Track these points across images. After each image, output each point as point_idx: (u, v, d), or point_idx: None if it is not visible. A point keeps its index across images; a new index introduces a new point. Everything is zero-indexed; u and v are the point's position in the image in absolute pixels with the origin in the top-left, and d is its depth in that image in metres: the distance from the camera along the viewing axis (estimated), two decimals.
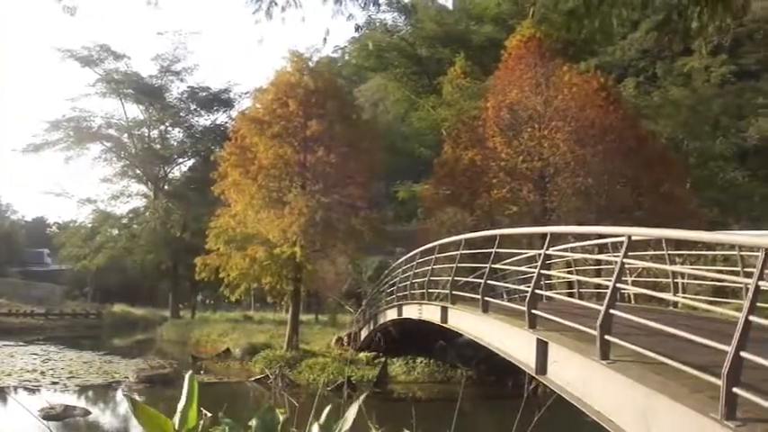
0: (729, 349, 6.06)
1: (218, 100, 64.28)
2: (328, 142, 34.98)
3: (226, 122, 61.41)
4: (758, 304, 6.41)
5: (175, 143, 65.00)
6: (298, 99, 35.35)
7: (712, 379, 6.25)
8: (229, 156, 36.51)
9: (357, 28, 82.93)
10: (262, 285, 36.48)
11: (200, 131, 64.28)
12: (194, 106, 64.45)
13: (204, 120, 65.30)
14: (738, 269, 13.67)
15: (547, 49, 36.90)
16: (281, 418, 4.22)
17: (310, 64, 37.49)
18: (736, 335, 6.06)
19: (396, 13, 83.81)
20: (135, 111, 64.27)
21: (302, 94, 35.63)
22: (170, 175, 65.52)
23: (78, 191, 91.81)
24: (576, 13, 5.88)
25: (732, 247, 15.19)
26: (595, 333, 8.72)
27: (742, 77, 70.02)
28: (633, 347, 8.10)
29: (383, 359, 31.54)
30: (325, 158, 34.52)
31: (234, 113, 57.76)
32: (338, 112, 36.24)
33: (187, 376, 4.03)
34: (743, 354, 5.98)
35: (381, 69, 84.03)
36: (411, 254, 24.60)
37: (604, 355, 8.62)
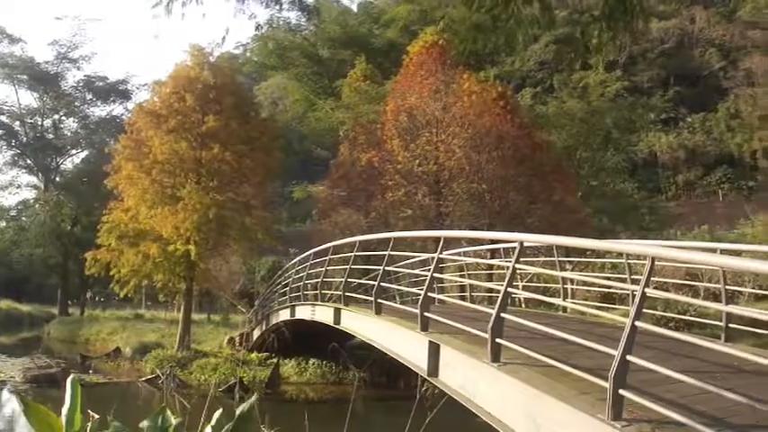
0: (616, 353, 6.22)
1: (116, 91, 62.91)
2: (225, 139, 34.52)
3: (122, 114, 60.27)
4: (644, 310, 6.60)
5: (69, 133, 63.31)
6: (195, 94, 34.81)
7: (599, 381, 6.42)
8: (124, 149, 35.70)
9: (257, 27, 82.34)
10: (153, 283, 35.82)
11: (96, 122, 62.79)
12: (90, 96, 62.97)
13: (100, 111, 63.96)
14: (626, 276, 14.01)
15: (448, 56, 37.22)
16: (173, 420, 4.13)
17: (211, 59, 37.00)
18: (623, 339, 6.22)
19: (299, 13, 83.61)
20: (28, 98, 63.06)
21: (200, 89, 35.12)
22: (62, 167, 63.96)
23: None
24: (482, 27, 5.95)
25: (620, 255, 15.58)
26: (487, 336, 8.82)
27: (635, 93, 72.59)
28: (523, 350, 8.23)
29: (275, 360, 31.31)
30: (221, 155, 34.07)
31: (131, 105, 56.61)
32: (236, 108, 35.79)
33: (69, 380, 3.91)
34: (629, 357, 6.15)
35: (282, 68, 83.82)
36: (305, 254, 24.52)
37: (495, 358, 8.74)
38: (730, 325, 11.14)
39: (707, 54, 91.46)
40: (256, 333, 33.71)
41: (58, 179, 61.60)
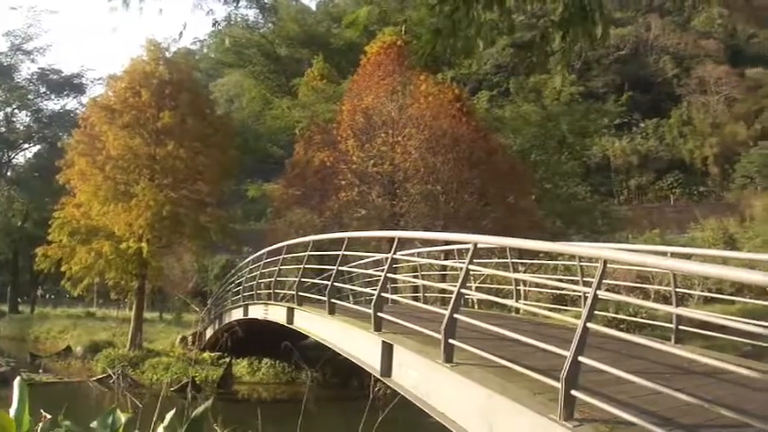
0: (568, 354, 6.26)
1: (70, 84, 61.88)
2: (180, 136, 34.26)
3: (76, 109, 59.24)
4: (596, 312, 6.66)
5: (22, 127, 61.82)
6: (151, 89, 34.53)
7: (552, 382, 6.46)
8: (77, 143, 35.32)
9: (215, 23, 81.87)
10: (105, 281, 35.42)
11: (49, 116, 61.46)
12: (44, 89, 61.73)
13: (54, 104, 62.69)
14: (578, 278, 14.13)
15: (406, 57, 37.24)
16: (124, 419, 4.09)
17: (167, 54, 36.70)
18: (575, 341, 6.27)
19: (257, 10, 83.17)
20: None
21: (156, 85, 34.85)
22: (14, 161, 62.87)
23: None
24: (442, 32, 5.95)
25: (573, 257, 15.70)
26: (440, 336, 8.83)
27: (589, 98, 73.53)
28: (476, 351, 8.24)
29: (228, 359, 31.13)
30: (176, 152, 33.79)
31: (85, 100, 55.75)
32: (192, 105, 35.55)
33: (16, 381, 3.87)
34: (581, 358, 6.20)
35: (239, 66, 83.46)
36: (258, 253, 24.39)
37: (448, 359, 8.75)
38: (680, 327, 11.28)
39: (661, 61, 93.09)
40: (209, 332, 33.47)
41: (9, 173, 60.56)
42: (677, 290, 11.55)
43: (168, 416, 4.11)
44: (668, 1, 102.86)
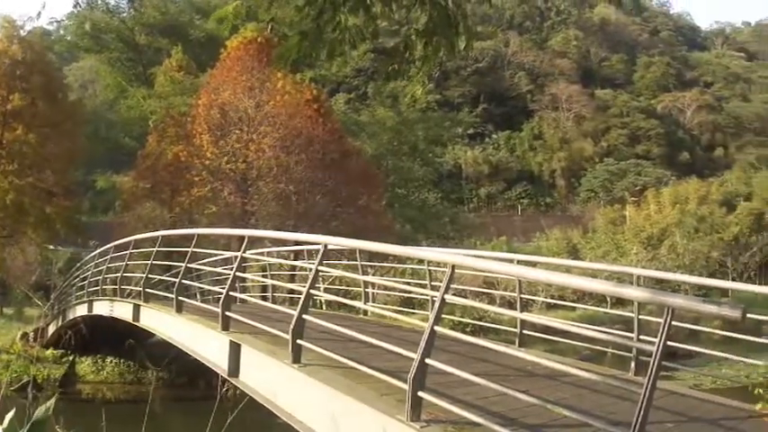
0: (416, 356, 6.36)
1: None
2: (29, 120, 33.01)
3: None
4: (443, 315, 6.81)
5: None
6: (2, 69, 33.12)
7: (399, 383, 6.53)
8: None
9: (75, 4, 79.35)
10: None
11: None
12: None
13: None
14: (426, 282, 14.37)
15: (266, 54, 37.00)
16: None
17: (22, 33, 35.25)
18: (422, 343, 6.36)
19: None
20: None
21: (8, 65, 33.42)
22: None
23: None
24: (308, 35, 5.94)
25: (421, 261, 15.96)
26: (288, 337, 8.82)
27: (445, 107, 75.27)
28: (324, 352, 8.28)
29: (71, 357, 30.15)
30: (24, 137, 32.56)
31: None
32: (44, 88, 34.26)
33: None
34: (428, 360, 6.30)
35: (96, 51, 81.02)
36: (105, 247, 23.76)
37: (296, 359, 8.73)
38: (524, 331, 11.63)
39: (517, 77, 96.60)
40: (52, 328, 32.32)
41: None
42: (522, 296, 11.92)
43: (7, 417, 3.97)
44: (527, 20, 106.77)
